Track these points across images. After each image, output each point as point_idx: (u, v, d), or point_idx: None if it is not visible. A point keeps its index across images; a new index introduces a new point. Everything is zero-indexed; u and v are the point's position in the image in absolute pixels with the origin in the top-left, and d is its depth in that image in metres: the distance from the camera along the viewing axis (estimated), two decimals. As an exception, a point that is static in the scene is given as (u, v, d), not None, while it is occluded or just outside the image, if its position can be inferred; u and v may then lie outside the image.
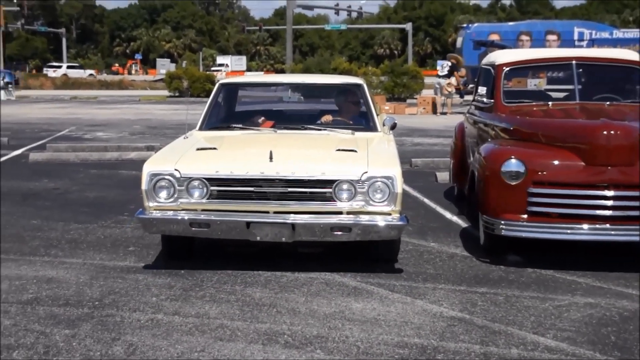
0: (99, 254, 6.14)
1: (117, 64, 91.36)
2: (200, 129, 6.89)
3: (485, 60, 8.33)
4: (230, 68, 63.34)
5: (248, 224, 5.33)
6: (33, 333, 4.28)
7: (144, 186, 5.45)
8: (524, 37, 38.33)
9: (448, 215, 7.80)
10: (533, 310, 4.74)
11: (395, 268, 5.73)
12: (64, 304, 4.82)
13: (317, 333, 4.32)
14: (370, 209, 5.31)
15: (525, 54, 8.99)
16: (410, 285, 5.28)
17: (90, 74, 65.81)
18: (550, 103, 7.12)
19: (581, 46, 35.86)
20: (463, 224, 7.30)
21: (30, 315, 4.61)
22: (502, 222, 5.62)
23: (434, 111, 24.67)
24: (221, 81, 7.89)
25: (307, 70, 39.41)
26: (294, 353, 4.02)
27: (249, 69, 66.78)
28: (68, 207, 8.24)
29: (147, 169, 5.50)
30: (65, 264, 5.82)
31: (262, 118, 7.07)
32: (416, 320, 4.55)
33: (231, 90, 7.74)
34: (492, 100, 7.21)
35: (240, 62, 70.34)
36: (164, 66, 66.93)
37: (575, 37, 38.17)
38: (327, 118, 7.01)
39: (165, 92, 37.46)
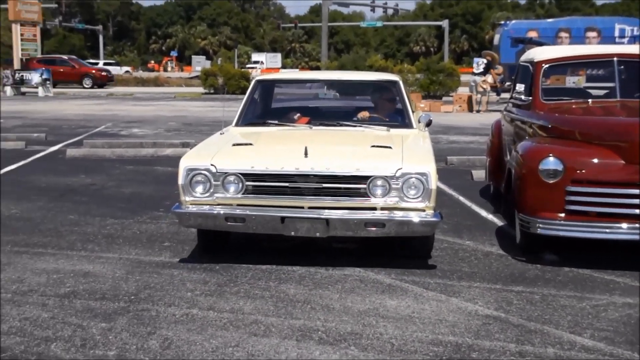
0: (135, 249, 6.19)
1: (153, 61, 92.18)
2: (237, 125, 6.94)
3: (523, 58, 8.24)
4: (265, 65, 63.58)
5: (283, 218, 5.36)
6: (70, 326, 4.33)
7: (180, 181, 5.51)
8: (563, 34, 37.77)
9: (484, 213, 7.72)
10: (570, 310, 4.68)
11: (429, 264, 5.71)
12: (100, 298, 4.87)
13: (351, 330, 4.31)
14: (404, 205, 5.31)
15: (564, 51, 8.85)
16: (445, 283, 5.24)
17: (127, 71, 66.46)
18: (590, 100, 7.02)
19: (622, 43, 35.23)
20: (499, 222, 7.22)
21: (67, 308, 4.66)
22: (539, 220, 5.55)
23: (470, 109, 24.48)
24: (257, 78, 7.91)
25: (342, 68, 39.49)
26: (328, 349, 4.02)
27: (283, 66, 66.96)
28: (104, 202, 8.32)
29: (184, 164, 5.55)
30: (102, 259, 5.88)
31: (298, 114, 7.08)
32: (451, 318, 4.52)
33: (267, 86, 7.79)
34: (530, 98, 7.12)
35: (275, 59, 70.56)
36: (200, 63, 67.39)
37: (617, 33, 37.49)
38: (364, 114, 7.00)
39: (201, 89, 37.67)
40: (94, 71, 44.47)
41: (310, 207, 5.39)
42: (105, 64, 69.44)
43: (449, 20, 59.51)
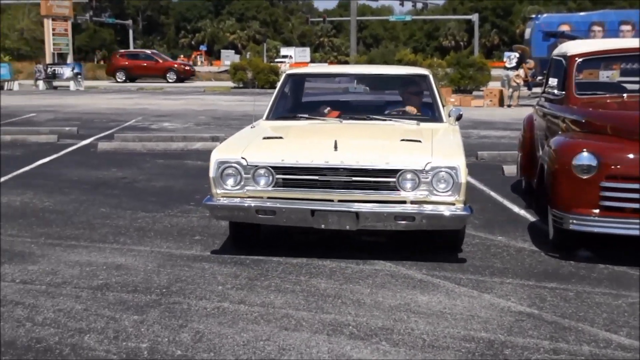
0: (166, 242, 6.23)
1: (182, 55, 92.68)
2: (267, 118, 6.96)
3: (556, 51, 8.13)
4: (294, 59, 63.47)
5: (313, 211, 5.38)
6: (103, 318, 4.37)
7: (211, 173, 5.54)
8: (596, 28, 37.17)
9: (515, 209, 7.65)
10: (605, 307, 4.61)
11: (460, 258, 5.68)
12: (132, 291, 4.90)
13: (382, 325, 4.29)
14: (433, 198, 5.30)
15: (598, 44, 8.71)
16: (477, 279, 5.19)
17: (157, 65, 66.83)
18: (624, 95, 6.91)
19: (657, 36, 34.67)
20: (531, 217, 7.15)
21: (100, 300, 4.70)
22: (573, 216, 5.47)
23: (501, 104, 24.26)
24: (288, 72, 7.92)
25: (371, 62, 39.39)
26: (359, 344, 4.00)
27: (312, 61, 66.74)
28: (136, 196, 8.38)
29: (215, 156, 5.58)
30: (134, 252, 5.92)
31: (328, 108, 7.09)
32: (483, 314, 4.48)
33: (298, 80, 7.79)
34: (564, 92, 7.03)
35: (304, 53, 70.40)
36: (229, 57, 67.44)
37: (652, 26, 36.84)
38: (411, 109, 6.96)
39: (230, 83, 37.81)
40: (176, 65, 44.24)
41: (340, 200, 5.40)
42: (135, 58, 69.99)
43: (478, 14, 58.95)
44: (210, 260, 5.66)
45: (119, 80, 41.94)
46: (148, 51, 47.00)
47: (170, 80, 41.22)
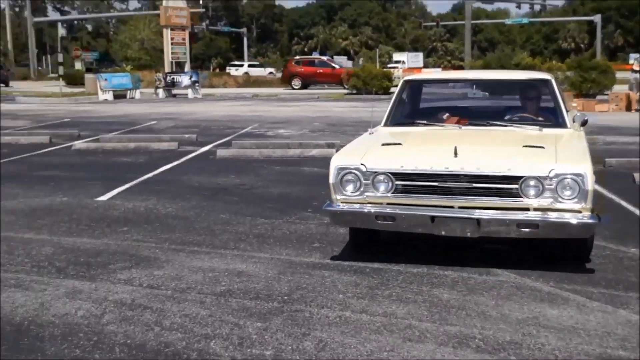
0: (286, 249, 6.26)
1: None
2: (385, 124, 6.93)
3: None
4: (407, 65, 63.19)
5: (433, 218, 5.30)
6: (228, 324, 4.41)
7: (331, 179, 5.56)
8: None
9: (648, 218, 7.25)
10: None
11: (588, 268, 5.43)
12: (254, 297, 4.94)
13: (510, 339, 4.13)
14: (558, 206, 5.11)
15: None
16: (611, 294, 4.93)
17: (270, 72, 68.13)
18: None
19: None
20: (666, 228, 6.75)
21: (224, 306, 4.76)
22: None
23: (628, 108, 23.16)
24: (405, 78, 7.84)
25: (487, 67, 38.57)
26: (487, 358, 3.87)
27: (425, 66, 66.32)
28: (254, 202, 8.49)
29: (335, 163, 5.60)
30: (254, 258, 5.98)
31: (447, 114, 6.98)
32: (620, 331, 4.23)
33: (415, 87, 7.70)
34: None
35: (417, 58, 70.03)
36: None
37: None
38: (533, 115, 6.74)
39: (343, 90, 37.98)
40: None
41: (460, 207, 5.30)
42: (249, 65, 71.68)
43: (601, 14, 56.79)
44: (330, 268, 5.63)
45: (295, 87, 41.84)
46: (323, 57, 46.72)
47: (347, 87, 38.70)
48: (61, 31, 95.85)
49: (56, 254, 6.16)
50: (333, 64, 43.97)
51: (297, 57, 44.15)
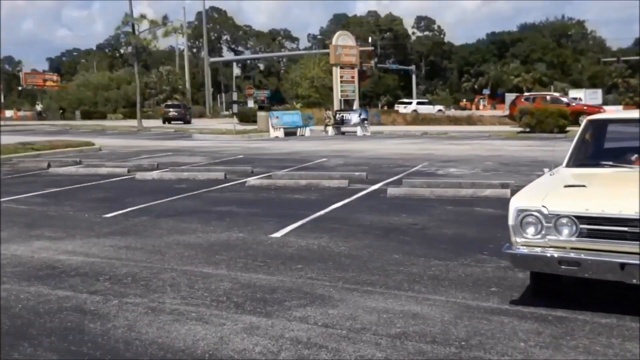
0: (461, 293, 6.09)
1: (464, 100, 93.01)
2: (567, 165, 6.68)
3: None
4: (584, 102, 60.71)
5: (623, 265, 4.98)
6: (404, 369, 4.33)
7: (511, 221, 5.40)
8: None
9: None
10: None
11: None
12: (431, 342, 4.82)
13: None
14: None
15: None
16: None
17: (439, 110, 67.86)
18: None
19: None
20: None
21: (399, 349, 4.67)
22: None
23: None
24: (589, 117, 7.50)
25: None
26: None
27: (605, 103, 63.25)
28: (427, 243, 8.37)
29: (515, 204, 5.43)
30: (429, 301, 5.85)
31: (636, 155, 6.56)
32: None
33: (599, 126, 7.33)
34: None
35: (595, 95, 66.99)
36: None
37: None
38: None
39: (515, 128, 37.06)
40: (586, 107, 41.37)
41: None
42: (418, 103, 71.89)
43: None
44: (510, 314, 5.41)
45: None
46: (556, 94, 46.00)
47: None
48: (235, 70, 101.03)
49: (234, 289, 6.34)
50: (567, 101, 42.82)
51: (526, 93, 42.74)
